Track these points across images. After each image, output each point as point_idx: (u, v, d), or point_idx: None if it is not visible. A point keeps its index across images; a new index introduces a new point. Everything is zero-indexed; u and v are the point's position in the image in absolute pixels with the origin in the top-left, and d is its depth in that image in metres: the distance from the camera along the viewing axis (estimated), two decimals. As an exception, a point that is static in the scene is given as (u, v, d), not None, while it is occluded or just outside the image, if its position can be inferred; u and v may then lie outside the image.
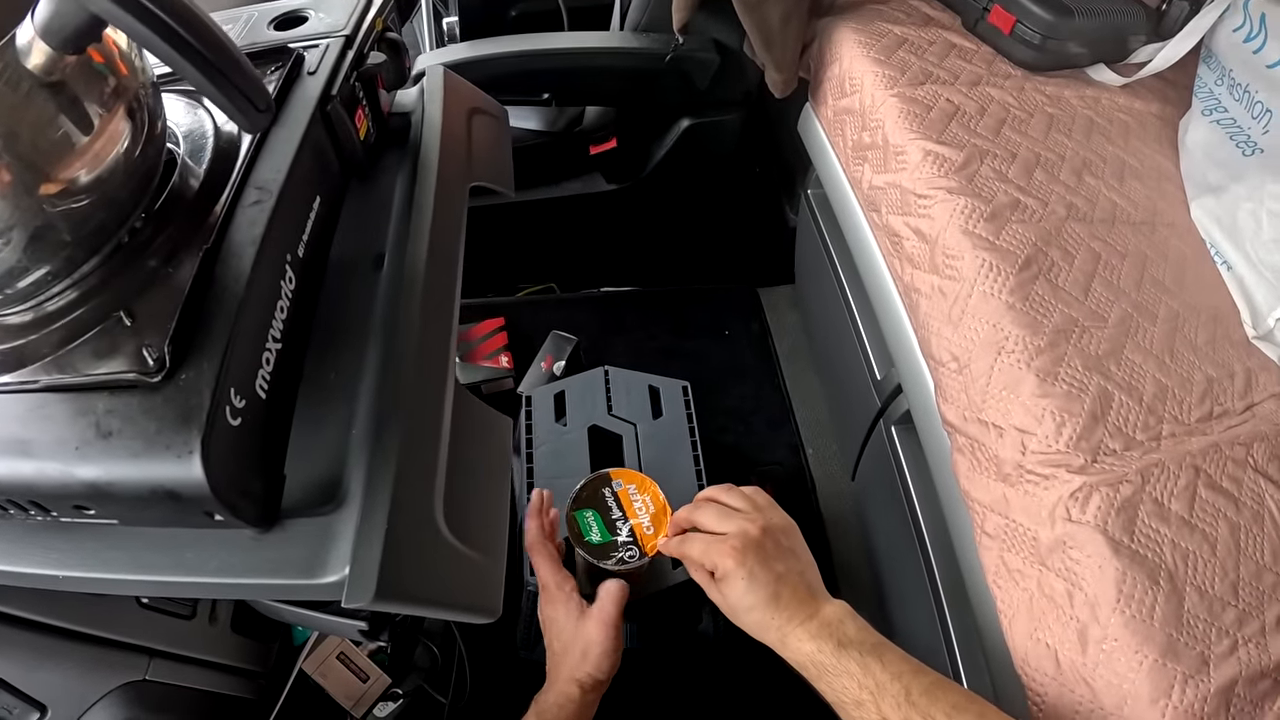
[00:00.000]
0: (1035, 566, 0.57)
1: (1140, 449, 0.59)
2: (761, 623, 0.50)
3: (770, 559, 0.51)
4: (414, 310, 0.42)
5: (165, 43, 0.32)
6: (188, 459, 0.31)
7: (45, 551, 0.39)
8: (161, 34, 0.31)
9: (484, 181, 0.53)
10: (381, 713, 0.73)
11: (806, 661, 0.48)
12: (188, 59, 0.33)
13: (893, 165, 0.76)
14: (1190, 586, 0.53)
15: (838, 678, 0.46)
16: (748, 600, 0.50)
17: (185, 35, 0.32)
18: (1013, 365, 0.62)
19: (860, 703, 0.45)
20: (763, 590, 0.50)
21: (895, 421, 0.88)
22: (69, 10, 0.31)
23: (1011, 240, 0.68)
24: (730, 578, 0.51)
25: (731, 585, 0.51)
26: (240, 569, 0.36)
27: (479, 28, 1.11)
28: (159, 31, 0.31)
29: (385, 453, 0.37)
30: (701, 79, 0.98)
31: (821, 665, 0.47)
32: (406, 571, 0.35)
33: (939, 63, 0.84)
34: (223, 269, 0.37)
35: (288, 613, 0.53)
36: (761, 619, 0.50)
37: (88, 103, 0.35)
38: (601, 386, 0.79)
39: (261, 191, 0.40)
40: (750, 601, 0.50)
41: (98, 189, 0.36)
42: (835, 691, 0.46)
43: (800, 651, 0.48)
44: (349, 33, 0.49)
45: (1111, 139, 0.84)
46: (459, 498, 0.38)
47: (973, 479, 0.63)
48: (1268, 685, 0.50)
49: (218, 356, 0.34)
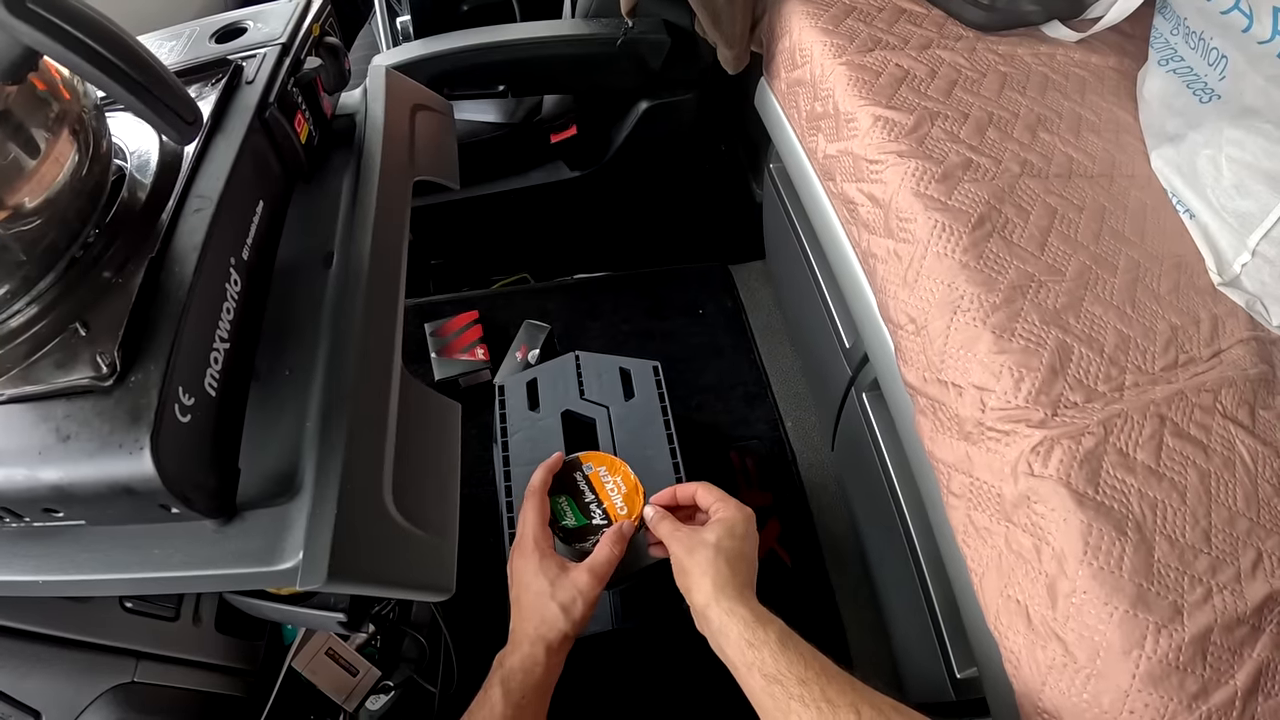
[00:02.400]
0: (1001, 523, 0.57)
1: (1102, 400, 0.60)
2: (720, 570, 0.52)
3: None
4: (358, 304, 0.43)
5: (92, 67, 0.33)
6: (139, 455, 0.33)
7: (24, 559, 0.40)
8: (88, 59, 0.33)
9: (428, 176, 0.54)
10: (374, 705, 0.75)
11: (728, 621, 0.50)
12: (114, 80, 0.34)
13: (844, 133, 0.77)
14: (1160, 535, 0.53)
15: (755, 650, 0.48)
16: (728, 542, 0.53)
17: (111, 59, 0.34)
18: (969, 324, 0.62)
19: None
20: (745, 545, 0.54)
21: (866, 389, 0.89)
22: (4, 44, 0.33)
23: (964, 200, 0.68)
24: (732, 520, 0.55)
25: (727, 527, 0.54)
26: (204, 561, 0.38)
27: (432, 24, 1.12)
28: (86, 57, 0.33)
29: (334, 443, 0.39)
30: (655, 60, 0.99)
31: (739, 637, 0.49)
32: (358, 554, 0.36)
33: (888, 29, 0.84)
34: (168, 275, 0.38)
35: (269, 609, 0.55)
36: (729, 567, 0.52)
37: (33, 128, 0.36)
38: (573, 372, 0.81)
39: (203, 200, 0.42)
40: (731, 545, 0.54)
41: (48, 209, 0.38)
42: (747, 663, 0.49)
43: (731, 613, 0.50)
44: (285, 40, 0.50)
45: (1068, 94, 0.84)
46: (410, 481, 0.40)
47: (936, 439, 0.64)
48: (1245, 631, 0.50)
49: (164, 358, 0.35)
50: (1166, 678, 0.48)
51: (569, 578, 0.55)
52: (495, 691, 0.51)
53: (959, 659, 0.76)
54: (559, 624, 0.53)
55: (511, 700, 0.50)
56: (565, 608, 0.54)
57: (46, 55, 0.33)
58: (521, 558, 0.57)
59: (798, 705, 0.45)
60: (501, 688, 0.51)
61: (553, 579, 0.55)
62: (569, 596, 0.54)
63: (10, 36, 0.32)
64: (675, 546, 0.55)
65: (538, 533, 0.57)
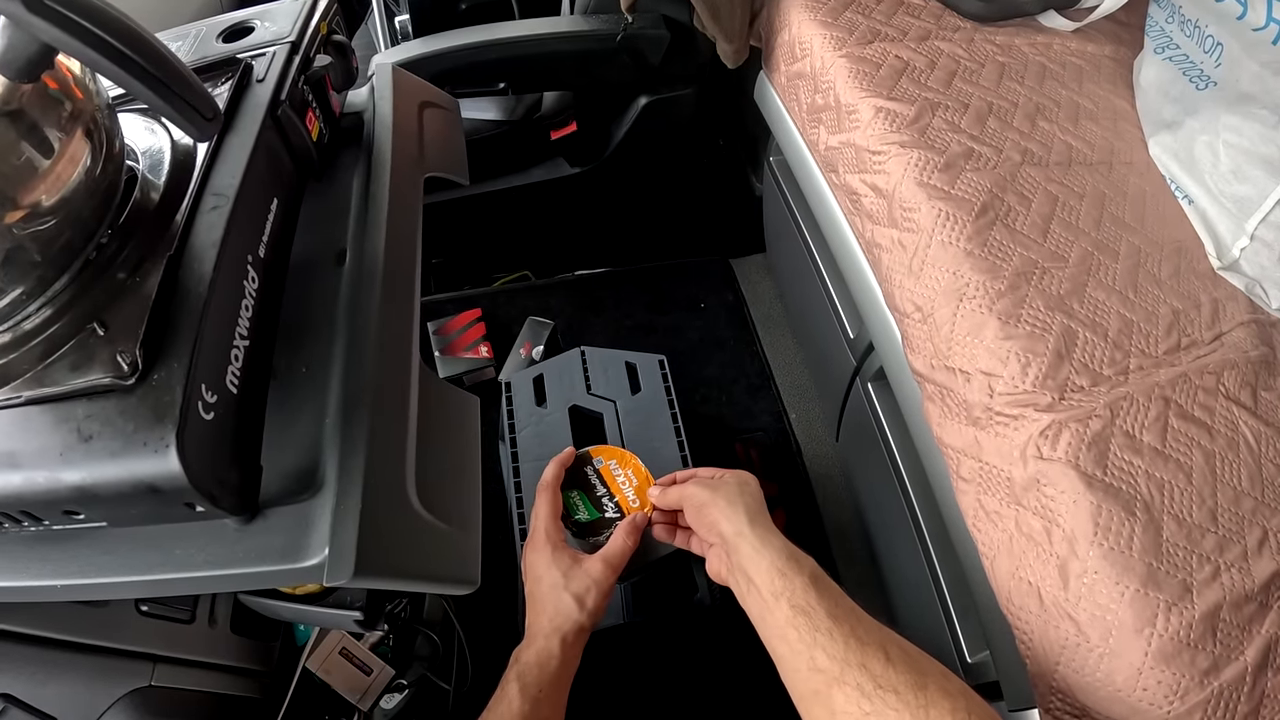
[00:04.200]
0: (1011, 507, 0.58)
1: (1108, 383, 0.60)
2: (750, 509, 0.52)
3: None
4: (374, 301, 0.43)
5: (113, 64, 0.33)
6: (164, 453, 0.33)
7: (42, 563, 0.40)
8: (109, 56, 0.33)
9: (438, 172, 0.54)
10: (388, 704, 0.75)
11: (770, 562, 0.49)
12: (135, 77, 0.34)
13: (846, 125, 0.77)
14: (1168, 515, 0.54)
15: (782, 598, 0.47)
16: (749, 488, 0.54)
17: (131, 55, 0.34)
18: (974, 310, 0.63)
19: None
20: (760, 499, 0.54)
21: (871, 378, 0.89)
22: (22, 41, 0.33)
23: (966, 188, 0.69)
24: (743, 477, 0.56)
25: (740, 479, 0.55)
26: (227, 560, 0.38)
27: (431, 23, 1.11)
28: (106, 54, 0.33)
29: (356, 438, 0.39)
30: (654, 56, 0.99)
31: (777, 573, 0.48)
32: (383, 548, 0.36)
33: (887, 20, 0.84)
34: (186, 273, 0.38)
35: (285, 610, 0.54)
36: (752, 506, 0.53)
37: (47, 128, 0.36)
38: (579, 367, 0.81)
39: (219, 197, 0.41)
40: (751, 490, 0.54)
41: (63, 209, 0.38)
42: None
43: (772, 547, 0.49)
44: (294, 39, 0.50)
45: (1065, 83, 0.84)
46: (431, 474, 0.40)
47: (944, 425, 0.64)
48: (1254, 609, 0.51)
49: (186, 355, 0.35)
50: (1178, 655, 0.48)
51: (582, 568, 0.55)
52: (512, 687, 0.50)
53: (969, 643, 0.77)
54: (573, 615, 0.53)
55: (529, 695, 0.50)
56: (579, 598, 0.53)
57: (66, 52, 0.33)
58: (534, 551, 0.57)
59: (824, 638, 0.43)
60: (518, 683, 0.50)
61: (565, 570, 0.54)
62: (583, 586, 0.54)
63: (28, 34, 0.32)
64: (695, 489, 0.55)
65: (550, 526, 0.57)
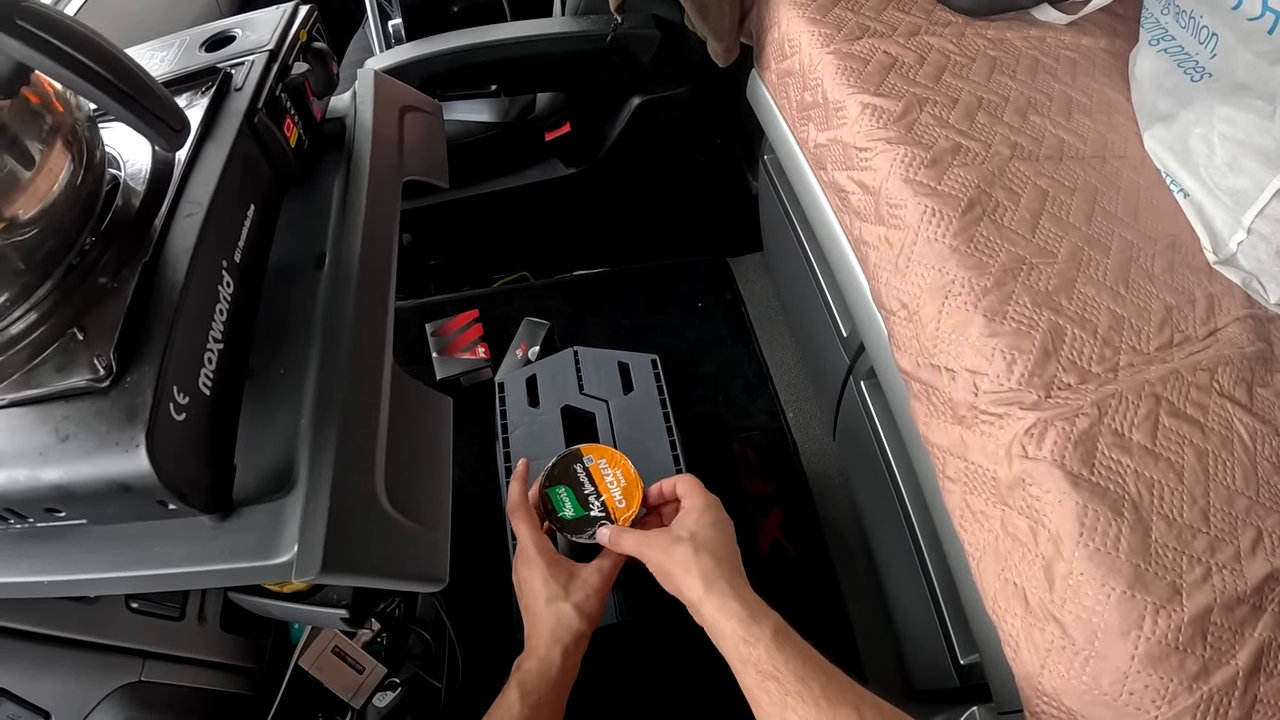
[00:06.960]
0: (997, 506, 0.57)
1: (1096, 381, 0.59)
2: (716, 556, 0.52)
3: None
4: (348, 303, 0.44)
5: (82, 79, 0.35)
6: (134, 452, 0.34)
7: (29, 560, 0.41)
8: (77, 72, 0.34)
9: (417, 175, 0.55)
10: (381, 702, 0.76)
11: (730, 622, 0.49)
12: (103, 91, 0.35)
13: (834, 121, 0.77)
14: (1157, 515, 0.53)
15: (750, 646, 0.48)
16: (704, 533, 0.53)
17: (100, 71, 0.35)
18: (960, 307, 0.62)
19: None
20: (719, 531, 0.53)
21: (864, 376, 0.89)
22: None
23: (953, 184, 0.68)
24: (700, 506, 0.55)
25: (695, 515, 0.54)
26: (203, 557, 0.38)
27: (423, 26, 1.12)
28: (75, 70, 0.34)
29: (326, 438, 0.39)
30: (645, 55, 0.99)
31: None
32: (351, 546, 0.37)
33: (876, 16, 0.84)
34: (161, 279, 0.39)
35: (273, 607, 0.55)
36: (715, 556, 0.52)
37: (28, 141, 0.37)
38: (572, 367, 0.81)
39: (194, 205, 0.42)
40: (706, 534, 0.53)
41: (45, 219, 0.39)
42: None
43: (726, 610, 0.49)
44: (273, 48, 0.51)
45: (1058, 77, 0.84)
46: (402, 475, 0.41)
47: (930, 424, 0.64)
48: (1246, 611, 0.50)
49: (158, 358, 0.36)
50: (1166, 658, 0.48)
51: (580, 578, 0.56)
52: (512, 693, 0.52)
53: (962, 645, 0.76)
54: (574, 623, 0.54)
55: (529, 701, 0.51)
56: (579, 606, 0.55)
57: (38, 69, 0.35)
58: (527, 567, 0.57)
59: (795, 701, 0.44)
60: (519, 689, 0.52)
61: (564, 583, 0.56)
62: (582, 595, 0.55)
63: (1, 53, 0.33)
64: (650, 553, 0.54)
65: (537, 541, 0.58)
